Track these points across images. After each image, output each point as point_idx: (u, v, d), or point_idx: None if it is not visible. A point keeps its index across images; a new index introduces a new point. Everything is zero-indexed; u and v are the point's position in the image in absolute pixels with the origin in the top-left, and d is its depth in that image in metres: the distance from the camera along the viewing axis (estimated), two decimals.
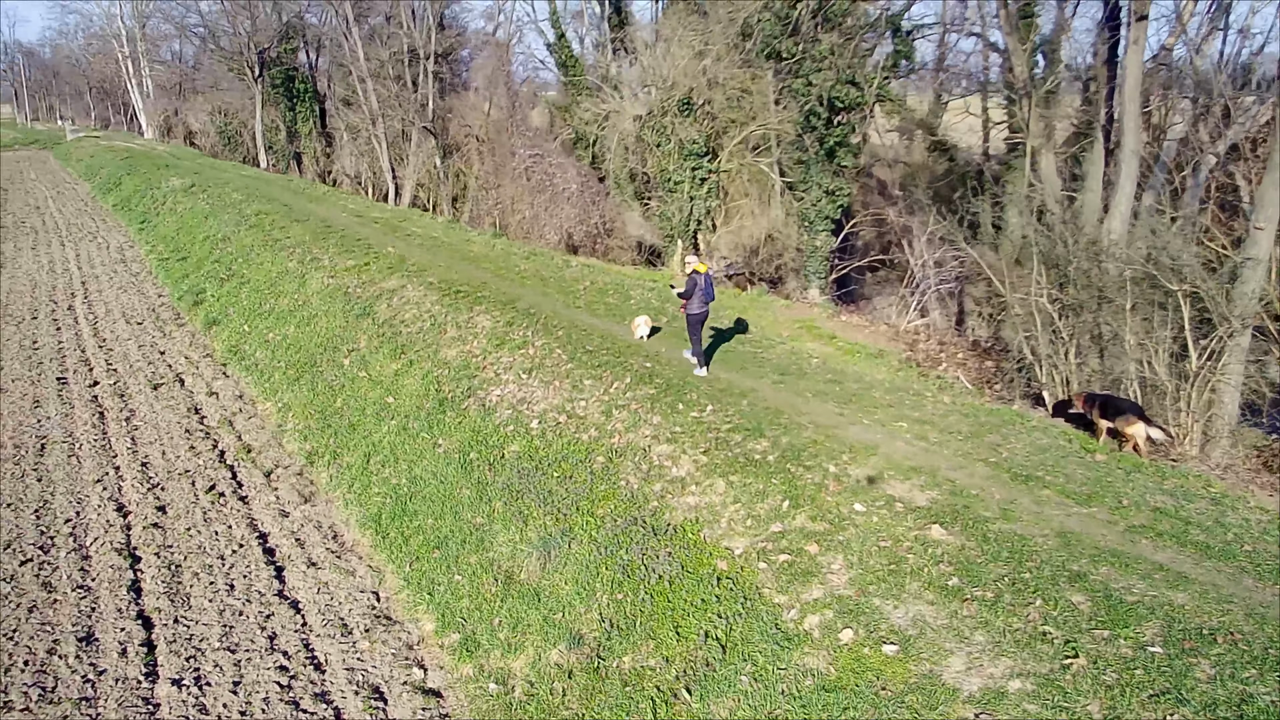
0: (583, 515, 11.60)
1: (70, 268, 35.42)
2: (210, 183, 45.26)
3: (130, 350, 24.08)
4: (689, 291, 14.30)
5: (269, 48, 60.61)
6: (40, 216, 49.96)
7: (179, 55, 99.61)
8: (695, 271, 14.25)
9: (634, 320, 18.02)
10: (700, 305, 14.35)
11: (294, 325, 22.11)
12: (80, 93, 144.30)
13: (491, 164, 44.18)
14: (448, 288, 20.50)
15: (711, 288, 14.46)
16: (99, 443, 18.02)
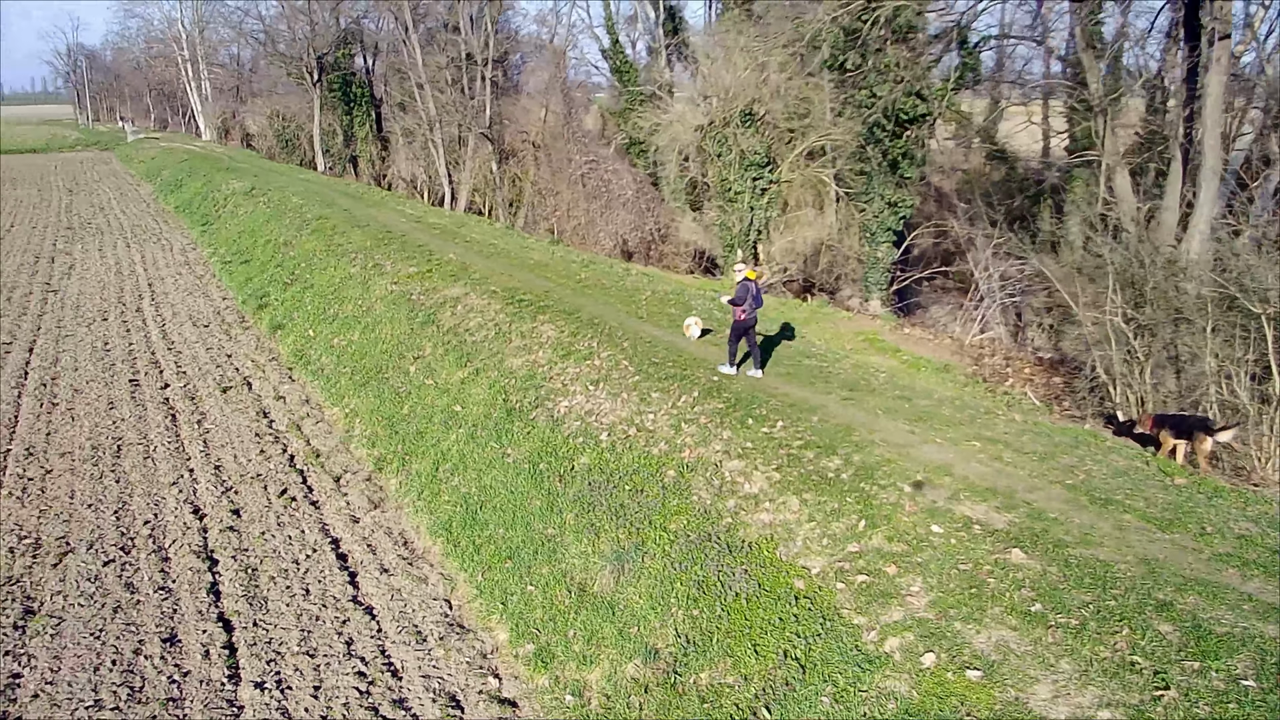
0: (655, 530, 11.69)
1: (136, 269, 36.22)
2: (270, 186, 46.01)
3: (199, 353, 24.59)
4: (740, 299, 14.64)
5: (327, 53, 61.58)
6: (105, 217, 51.14)
7: (236, 59, 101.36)
8: (746, 279, 14.63)
9: (686, 322, 18.57)
10: (750, 312, 14.71)
11: (358, 331, 22.45)
12: (140, 94, 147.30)
13: (547, 170, 44.52)
14: (510, 296, 20.70)
15: (760, 296, 14.83)
16: (173, 445, 18.44)
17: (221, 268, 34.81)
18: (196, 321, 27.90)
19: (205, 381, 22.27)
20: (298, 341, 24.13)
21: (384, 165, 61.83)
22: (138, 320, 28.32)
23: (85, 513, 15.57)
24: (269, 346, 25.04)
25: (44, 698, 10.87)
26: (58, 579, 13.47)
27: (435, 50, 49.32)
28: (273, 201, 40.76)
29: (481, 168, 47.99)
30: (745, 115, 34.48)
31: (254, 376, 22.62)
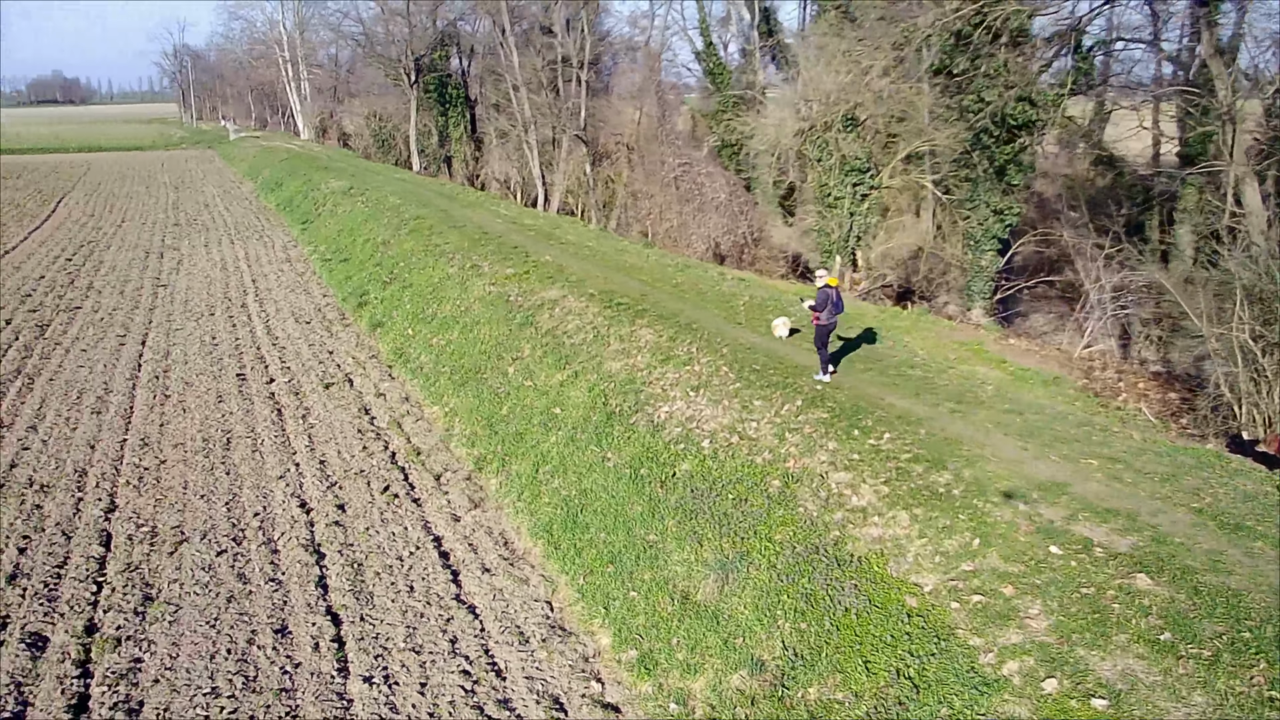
0: (760, 540, 11.59)
1: (241, 266, 37.28)
2: (367, 186, 46.98)
3: (301, 349, 25.19)
4: (821, 304, 14.80)
5: (424, 54, 62.70)
6: (210, 214, 52.78)
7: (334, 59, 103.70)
8: (827, 286, 14.78)
9: (774, 321, 18.84)
10: (829, 317, 14.86)
11: (457, 331, 22.75)
12: (241, 94, 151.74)
13: (640, 172, 44.62)
14: (608, 299, 20.76)
15: (840, 303, 14.96)
16: (279, 439, 18.91)
17: (321, 265, 35.65)
18: (299, 318, 28.60)
19: (309, 377, 22.81)
20: (397, 340, 24.56)
21: (477, 166, 62.68)
22: (243, 315, 29.14)
23: (198, 503, 16.05)
24: (369, 344, 25.54)
25: (164, 683, 11.23)
26: (174, 567, 13.91)
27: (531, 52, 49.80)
28: (370, 201, 41.61)
29: (575, 169, 48.31)
30: (847, 119, 34.01)
31: (355, 373, 23.10)
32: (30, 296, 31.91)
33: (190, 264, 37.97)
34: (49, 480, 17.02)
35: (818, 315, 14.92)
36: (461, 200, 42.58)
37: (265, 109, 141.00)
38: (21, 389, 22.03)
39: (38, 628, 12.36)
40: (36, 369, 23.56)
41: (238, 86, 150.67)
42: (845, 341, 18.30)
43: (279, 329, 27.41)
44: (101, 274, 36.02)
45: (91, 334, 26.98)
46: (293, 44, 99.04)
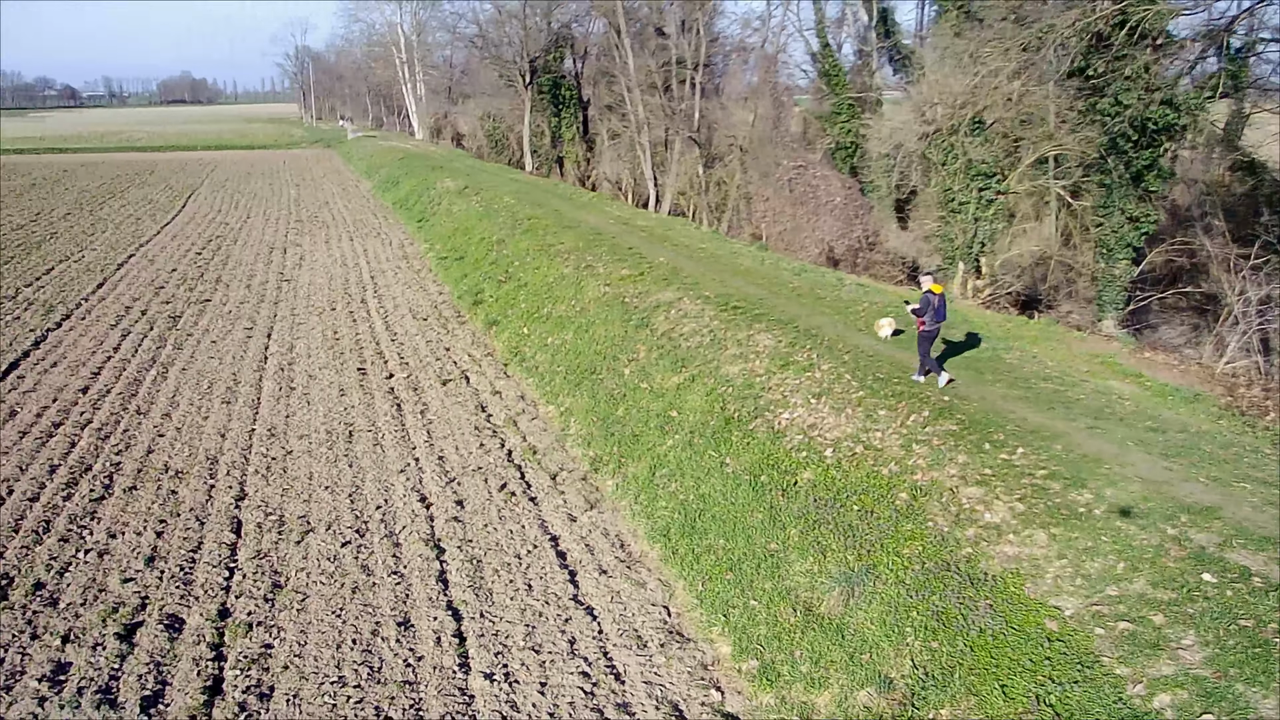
0: (887, 553, 11.29)
1: (359, 262, 38.23)
2: (481, 186, 47.75)
3: (419, 345, 25.66)
4: (923, 309, 14.82)
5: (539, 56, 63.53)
6: (329, 212, 54.30)
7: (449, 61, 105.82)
8: (930, 292, 14.75)
9: (879, 321, 18.72)
10: (932, 323, 14.87)
11: (572, 331, 22.87)
12: (359, 94, 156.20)
13: (754, 174, 44.32)
14: (724, 302, 20.60)
15: (944, 308, 14.98)
16: (399, 434, 19.27)
17: (437, 263, 36.34)
18: (416, 314, 29.16)
19: (426, 373, 23.21)
20: (512, 338, 24.83)
21: (589, 166, 63.22)
22: (363, 311, 29.85)
23: (323, 494, 16.45)
24: (484, 342, 25.88)
25: (293, 670, 11.49)
26: (300, 556, 14.26)
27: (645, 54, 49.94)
28: (485, 200, 42.26)
29: (687, 171, 48.28)
30: (975, 122, 33.10)
31: (471, 371, 23.41)
32: (163, 289, 33.27)
33: (311, 260, 39.11)
34: (183, 466, 17.66)
35: (922, 321, 14.93)
36: (574, 201, 42.91)
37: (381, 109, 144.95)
38: (156, 377, 22.95)
39: (174, 609, 12.79)
40: (170, 358, 24.53)
41: (355, 87, 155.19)
42: (949, 345, 18.17)
43: (397, 325, 27.99)
44: (229, 268, 37.36)
45: (220, 326, 27.97)
46: (409, 46, 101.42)
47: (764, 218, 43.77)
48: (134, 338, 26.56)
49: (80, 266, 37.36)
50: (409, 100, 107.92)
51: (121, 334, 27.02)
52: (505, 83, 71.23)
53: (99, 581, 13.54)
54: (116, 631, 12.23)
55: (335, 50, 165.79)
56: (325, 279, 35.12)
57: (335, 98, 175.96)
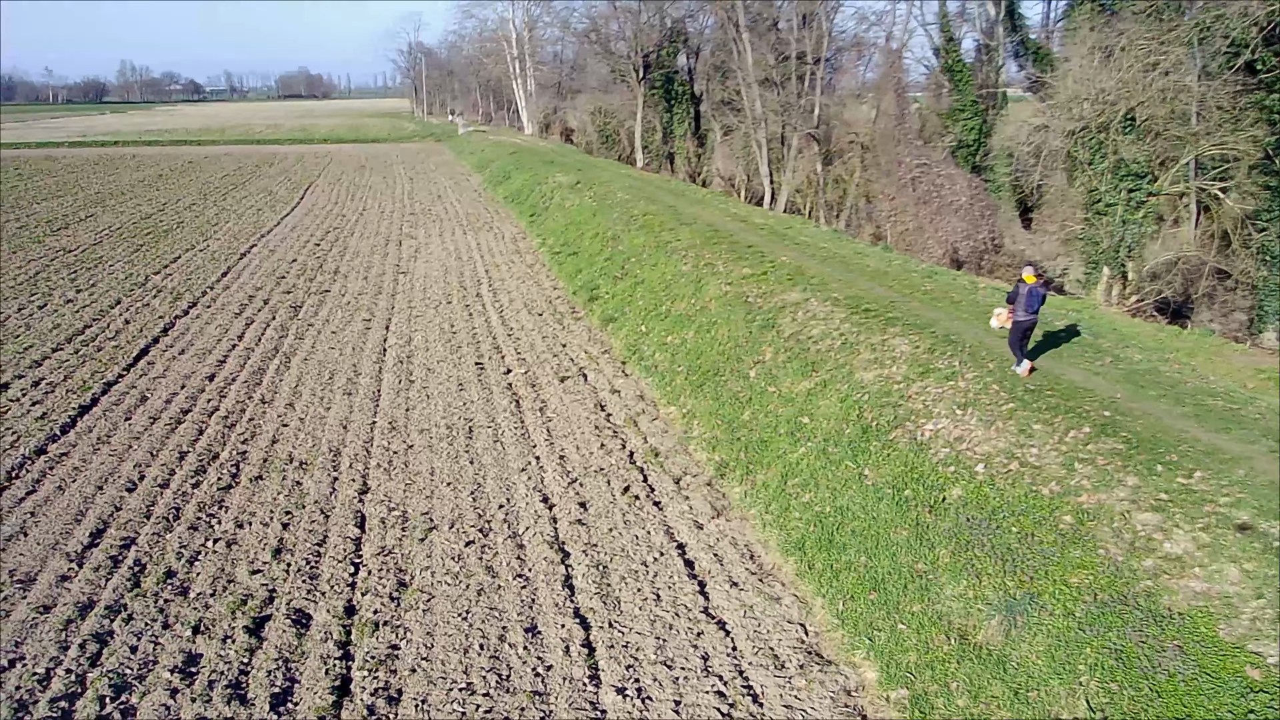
0: (1053, 582, 10.44)
1: (473, 255, 38.35)
2: (593, 181, 47.55)
3: (535, 341, 25.43)
4: (1012, 298, 15.15)
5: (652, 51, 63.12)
6: (443, 205, 54.84)
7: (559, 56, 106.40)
8: (1021, 281, 14.96)
9: (995, 311, 17.78)
10: (1024, 313, 14.95)
11: (693, 331, 22.32)
12: (469, 89, 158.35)
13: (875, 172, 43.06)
14: (854, 304, 19.78)
15: (1035, 300, 14.87)
16: (518, 431, 18.98)
17: (551, 258, 36.20)
18: (531, 309, 28.99)
19: (544, 369, 22.94)
20: (629, 336, 24.40)
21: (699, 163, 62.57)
22: (478, 305, 29.81)
23: (445, 490, 16.23)
24: (601, 339, 25.52)
25: (420, 673, 11.20)
26: (424, 554, 14.03)
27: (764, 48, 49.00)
28: (597, 196, 42.00)
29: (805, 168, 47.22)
30: (1127, 120, 31.33)
31: (589, 368, 23.06)
32: (284, 279, 33.83)
33: (426, 252, 39.40)
34: (307, 458, 17.68)
35: (1012, 309, 15.17)
36: (688, 197, 42.37)
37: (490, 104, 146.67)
38: (279, 367, 23.17)
39: (301, 605, 12.66)
40: (292, 348, 24.78)
41: (466, 82, 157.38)
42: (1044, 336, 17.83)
43: (512, 319, 27.85)
44: (346, 259, 37.86)
45: (340, 317, 28.22)
46: (521, 41, 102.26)
47: (889, 217, 42.35)
48: (257, 326, 26.96)
49: (205, 255, 38.32)
50: (519, 95, 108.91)
51: (245, 322, 27.47)
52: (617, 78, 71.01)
53: (228, 572, 13.52)
54: (245, 625, 12.15)
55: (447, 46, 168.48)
56: (440, 271, 35.28)
57: (445, 93, 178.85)
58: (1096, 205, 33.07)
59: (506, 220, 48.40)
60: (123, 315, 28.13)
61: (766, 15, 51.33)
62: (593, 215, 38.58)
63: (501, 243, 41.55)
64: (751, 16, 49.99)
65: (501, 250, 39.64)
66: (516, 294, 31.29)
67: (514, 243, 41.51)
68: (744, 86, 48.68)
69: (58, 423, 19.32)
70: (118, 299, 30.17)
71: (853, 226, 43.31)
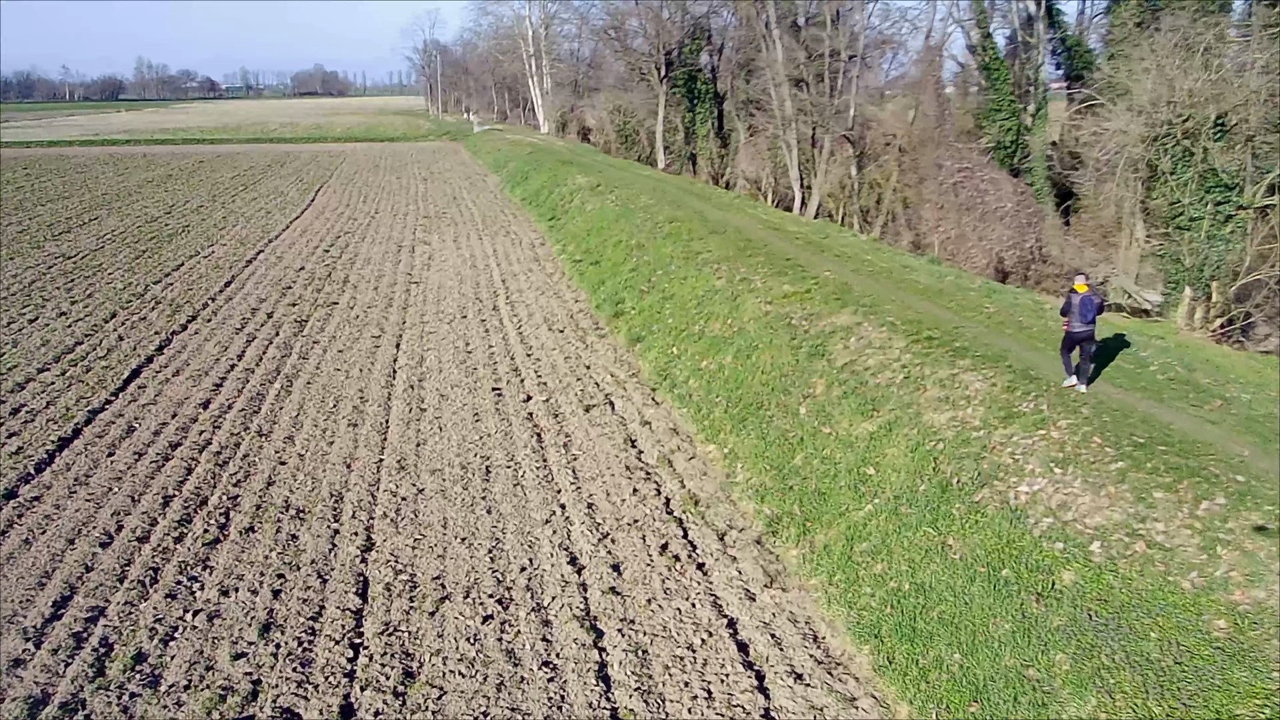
0: (1212, 711, 8.42)
1: (490, 263, 36.48)
2: (614, 183, 45.61)
3: (557, 361, 23.52)
4: (1065, 309, 14.40)
5: (675, 49, 60.97)
6: (458, 208, 53.02)
7: (576, 54, 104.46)
8: (1073, 291, 14.25)
9: None
10: (1078, 324, 14.19)
11: (730, 355, 20.34)
12: (484, 87, 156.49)
13: (913, 176, 40.86)
14: (913, 330, 17.74)
15: (1090, 310, 14.10)
16: (540, 471, 17.05)
17: (571, 267, 34.27)
18: (552, 325, 27.08)
19: (567, 396, 21.01)
20: (660, 358, 22.45)
21: (723, 164, 60.43)
22: (495, 320, 27.91)
23: (459, 548, 14.30)
24: (628, 360, 23.57)
25: None
26: (435, 633, 12.10)
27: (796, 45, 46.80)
28: (619, 199, 40.06)
29: (838, 172, 45.03)
30: (1218, 125, 28.95)
31: (615, 394, 21.12)
32: (290, 289, 32.01)
33: (440, 259, 37.54)
34: (305, 504, 15.79)
35: (1067, 322, 14.30)
36: (715, 201, 40.35)
37: (506, 102, 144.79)
38: (280, 392, 21.30)
39: (290, 703, 10.75)
40: (295, 369, 22.92)
41: (481, 80, 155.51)
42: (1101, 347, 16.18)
43: (531, 337, 25.94)
44: (356, 267, 36.03)
45: (348, 333, 26.37)
46: (537, 38, 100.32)
47: (936, 225, 39.88)
48: (259, 344, 25.13)
49: (209, 263, 36.58)
50: (535, 93, 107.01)
51: (247, 339, 25.65)
52: (638, 76, 68.88)
53: (207, 655, 11.62)
54: None
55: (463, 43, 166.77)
56: (455, 281, 33.40)
57: (461, 90, 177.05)
58: (1178, 219, 30.73)
59: (524, 224, 46.50)
60: (117, 330, 26.34)
61: (796, 11, 49.05)
62: (615, 220, 36.64)
63: (519, 249, 39.64)
64: (782, 11, 47.80)
65: (519, 257, 37.73)
66: (535, 307, 29.37)
67: (532, 249, 39.60)
68: (772, 86, 46.44)
69: (34, 459, 17.51)
70: (113, 312, 28.39)
71: (890, 234, 41.15)
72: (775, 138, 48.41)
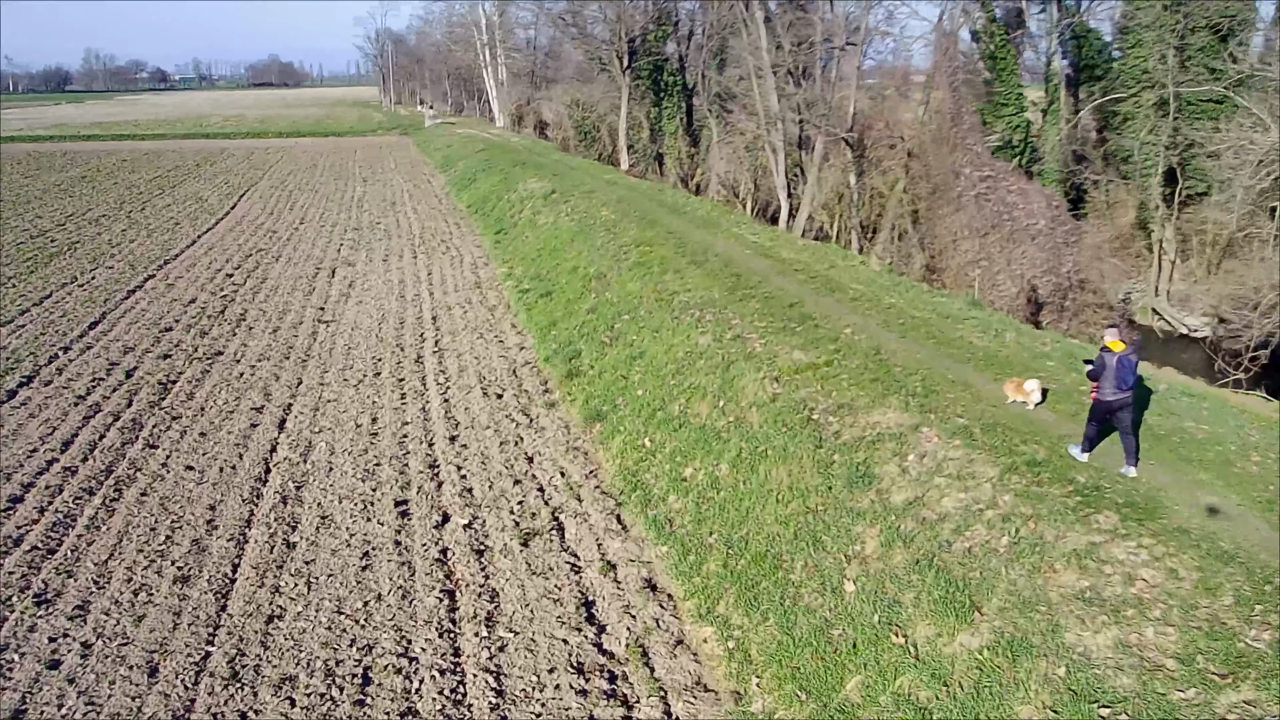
0: None
1: (421, 292, 30.48)
2: (572, 189, 39.68)
3: (490, 451, 17.59)
4: (1097, 371, 11.59)
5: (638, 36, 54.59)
6: (395, 216, 46.95)
7: (533, 43, 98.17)
8: (1106, 349, 11.53)
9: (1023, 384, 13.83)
10: (1113, 391, 11.40)
11: (726, 462, 14.47)
12: (440, 78, 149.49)
13: (925, 186, 34.94)
14: (1005, 448, 11.96)
15: (1127, 374, 11.35)
16: (449, 676, 11.09)
17: (518, 298, 28.23)
18: (488, 387, 21.11)
19: (499, 514, 15.08)
20: (627, 452, 16.55)
21: (693, 165, 54.28)
22: (416, 379, 21.89)
23: None
24: (584, 448, 17.66)
25: None
26: None
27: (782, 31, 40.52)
28: (578, 212, 34.11)
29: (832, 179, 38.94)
30: None
31: (567, 510, 15.21)
32: (168, 333, 25.76)
33: (363, 287, 31.36)
34: None
35: (1097, 387, 11.61)
36: (689, 215, 34.36)
37: (462, 94, 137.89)
38: (95, 519, 15.10)
39: None
40: (129, 475, 16.71)
41: (436, 71, 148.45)
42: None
43: (460, 407, 19.96)
44: (260, 299, 29.77)
45: (221, 403, 20.23)
46: (491, 26, 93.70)
47: (952, 244, 33.60)
48: (97, 425, 18.93)
49: (83, 294, 30.16)
50: (489, 85, 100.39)
51: (84, 415, 19.46)
52: (598, 66, 62.42)
53: None
54: None
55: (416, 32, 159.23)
56: (375, 319, 27.26)
57: (416, 81, 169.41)
58: None
59: (468, 237, 40.38)
60: None
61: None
62: (571, 240, 30.69)
63: (459, 271, 33.53)
64: None
65: (458, 283, 31.64)
66: (470, 358, 23.37)
67: (474, 271, 33.52)
68: (754, 77, 40.11)
69: None
70: None
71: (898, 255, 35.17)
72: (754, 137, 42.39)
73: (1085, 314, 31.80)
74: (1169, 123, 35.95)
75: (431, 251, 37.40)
